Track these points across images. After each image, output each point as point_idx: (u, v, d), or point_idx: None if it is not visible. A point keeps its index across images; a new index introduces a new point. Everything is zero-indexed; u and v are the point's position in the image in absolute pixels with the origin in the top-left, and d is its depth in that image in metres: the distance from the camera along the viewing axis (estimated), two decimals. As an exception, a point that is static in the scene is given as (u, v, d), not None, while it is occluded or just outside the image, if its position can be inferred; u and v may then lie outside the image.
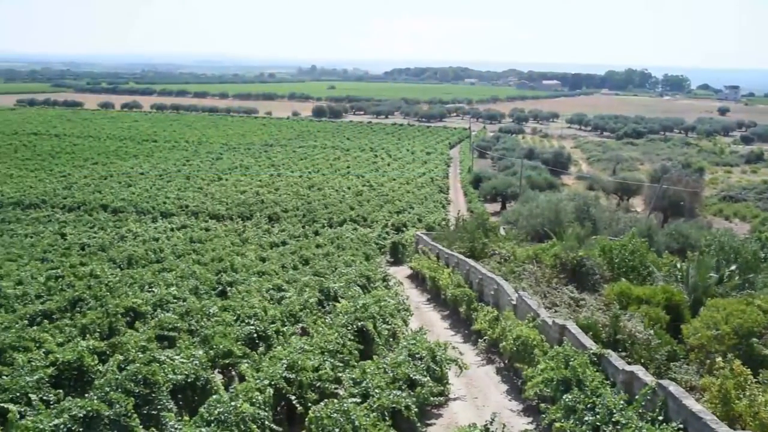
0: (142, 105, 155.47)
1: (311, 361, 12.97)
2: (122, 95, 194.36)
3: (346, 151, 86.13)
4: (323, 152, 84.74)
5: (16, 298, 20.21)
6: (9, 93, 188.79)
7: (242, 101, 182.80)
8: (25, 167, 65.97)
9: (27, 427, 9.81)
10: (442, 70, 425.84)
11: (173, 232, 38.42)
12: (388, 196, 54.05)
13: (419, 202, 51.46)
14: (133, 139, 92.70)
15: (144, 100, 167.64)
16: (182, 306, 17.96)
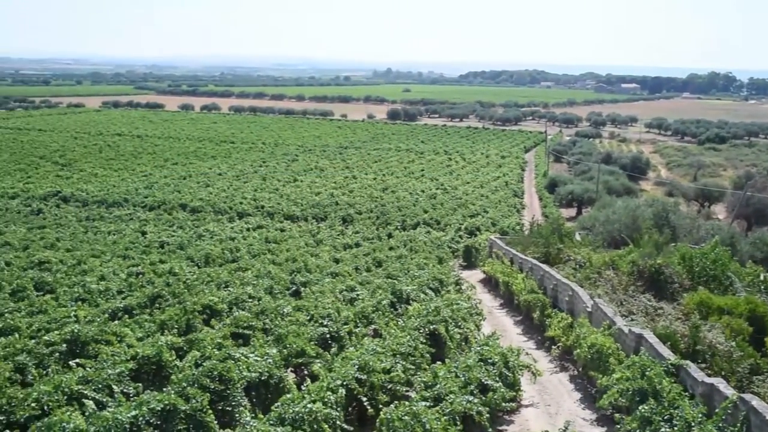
0: (220, 107, 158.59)
1: (383, 362, 13.00)
2: (202, 97, 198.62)
3: (420, 154, 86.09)
4: (397, 155, 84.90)
5: (99, 293, 20.86)
6: (95, 95, 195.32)
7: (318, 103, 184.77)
8: (109, 167, 68.07)
9: (107, 419, 10.09)
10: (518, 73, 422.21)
11: (249, 232, 39.05)
12: (462, 199, 53.81)
13: (493, 206, 51.06)
14: (211, 140, 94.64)
15: (223, 102, 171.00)
16: (257, 305, 18.23)
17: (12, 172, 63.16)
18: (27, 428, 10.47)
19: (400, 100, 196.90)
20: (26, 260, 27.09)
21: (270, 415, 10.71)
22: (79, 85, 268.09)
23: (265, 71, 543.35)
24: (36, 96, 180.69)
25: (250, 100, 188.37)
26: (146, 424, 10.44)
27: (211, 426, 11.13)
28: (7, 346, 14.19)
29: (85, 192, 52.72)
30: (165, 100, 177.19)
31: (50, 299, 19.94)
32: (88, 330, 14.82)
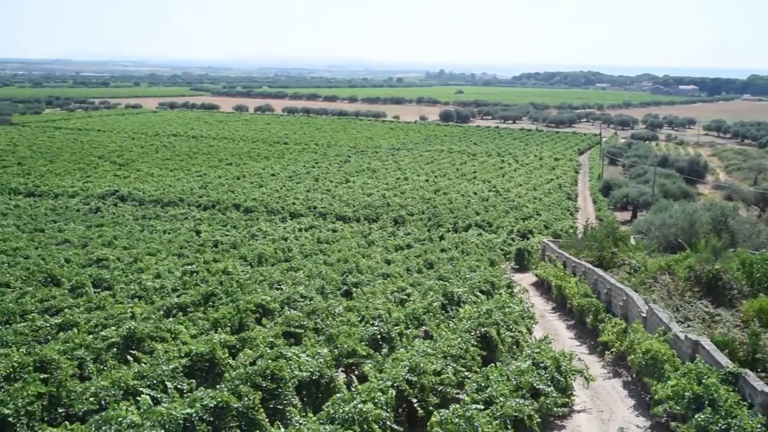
0: (274, 108, 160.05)
1: (434, 364, 12.97)
2: (256, 99, 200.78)
3: (472, 156, 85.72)
4: (449, 156, 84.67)
5: (154, 290, 21.23)
6: (152, 96, 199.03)
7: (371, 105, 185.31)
8: (165, 167, 69.27)
9: (161, 414, 10.26)
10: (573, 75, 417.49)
11: (301, 232, 39.33)
12: (515, 202, 53.42)
13: (546, 209, 50.57)
14: (265, 141, 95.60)
15: (276, 104, 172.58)
16: (309, 305, 18.35)
17: (72, 171, 64.72)
18: (85, 421, 10.69)
19: (452, 102, 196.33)
20: (85, 257, 27.73)
21: (320, 415, 10.77)
22: (137, 87, 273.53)
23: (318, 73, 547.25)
24: (95, 97, 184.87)
25: (304, 102, 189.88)
26: (199, 421, 10.59)
27: (263, 424, 11.23)
28: (66, 341, 14.54)
29: (142, 191, 53.73)
30: (220, 101, 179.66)
31: (108, 296, 20.37)
32: (144, 327, 15.10)
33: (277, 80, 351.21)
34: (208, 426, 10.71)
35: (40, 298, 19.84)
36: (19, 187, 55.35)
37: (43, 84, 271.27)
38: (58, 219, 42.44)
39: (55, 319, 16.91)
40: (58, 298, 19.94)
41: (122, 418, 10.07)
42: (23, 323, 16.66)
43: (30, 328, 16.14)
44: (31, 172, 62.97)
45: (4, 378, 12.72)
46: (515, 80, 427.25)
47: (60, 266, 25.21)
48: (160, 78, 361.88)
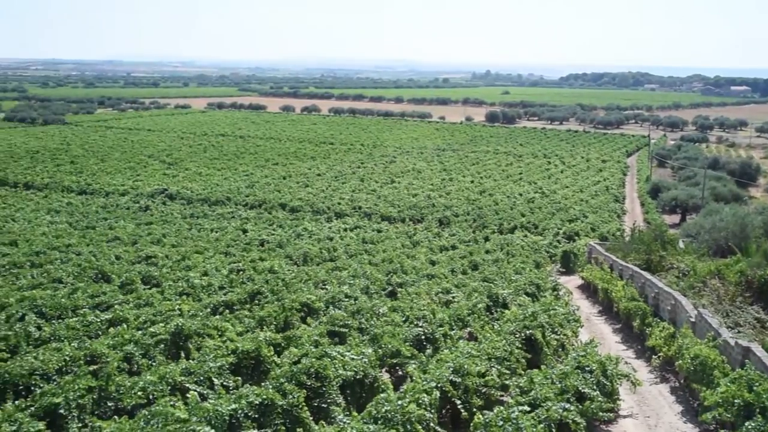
0: (320, 109, 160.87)
1: (478, 366, 12.93)
2: (302, 99, 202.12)
3: (518, 157, 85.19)
4: (495, 158, 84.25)
5: (201, 288, 21.52)
6: (201, 97, 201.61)
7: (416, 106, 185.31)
8: (212, 166, 70.13)
9: (207, 410, 10.40)
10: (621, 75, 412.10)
11: (346, 232, 39.50)
12: (561, 203, 52.95)
13: (593, 211, 50.02)
14: (311, 141, 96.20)
15: (322, 104, 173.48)
16: (353, 304, 18.42)
17: (122, 170, 65.90)
18: (133, 416, 10.88)
19: (498, 103, 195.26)
20: (134, 254, 28.21)
21: (364, 414, 10.81)
22: (186, 87, 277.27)
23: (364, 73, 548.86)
24: (146, 97, 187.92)
25: (350, 102, 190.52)
26: (245, 417, 10.72)
27: (307, 422, 11.32)
28: (116, 336, 14.82)
29: (190, 190, 54.48)
30: (267, 101, 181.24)
31: (156, 293, 20.69)
32: (191, 324, 15.31)
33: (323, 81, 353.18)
34: (253, 423, 10.83)
35: (91, 294, 20.24)
36: (72, 185, 56.57)
37: (95, 84, 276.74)
38: (109, 216, 43.26)
39: (105, 315, 17.24)
40: (108, 294, 20.31)
41: (170, 413, 10.25)
42: (75, 318, 17.03)
43: (81, 323, 16.49)
44: (83, 171, 64.30)
45: (56, 371, 13.03)
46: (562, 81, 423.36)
47: (110, 263, 25.68)
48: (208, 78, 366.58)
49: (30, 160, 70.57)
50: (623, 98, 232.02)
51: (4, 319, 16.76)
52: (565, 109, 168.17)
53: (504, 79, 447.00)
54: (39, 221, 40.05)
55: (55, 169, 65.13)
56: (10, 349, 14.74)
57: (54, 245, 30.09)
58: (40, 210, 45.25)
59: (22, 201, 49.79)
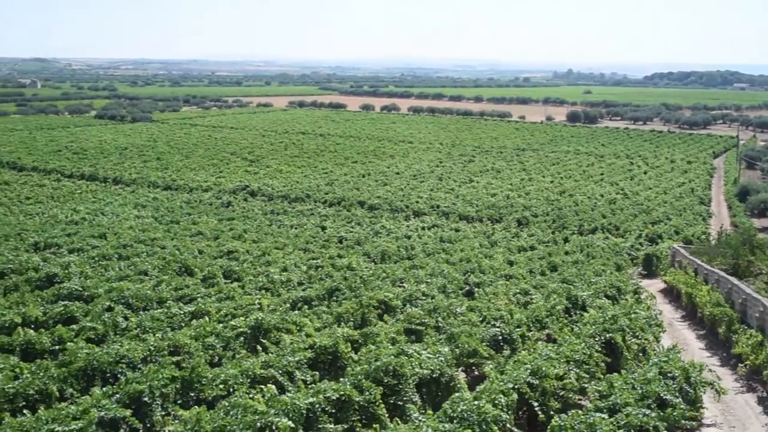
0: (400, 107, 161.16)
1: (556, 368, 12.77)
2: (382, 98, 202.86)
3: (600, 158, 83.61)
4: (576, 158, 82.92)
5: (281, 283, 21.87)
6: (282, 95, 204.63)
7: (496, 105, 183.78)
8: (293, 163, 71.13)
9: (286, 403, 10.57)
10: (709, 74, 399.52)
11: (424, 231, 39.51)
12: (644, 205, 51.74)
13: (677, 214, 48.70)
14: (390, 139, 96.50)
15: (402, 103, 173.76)
16: (430, 303, 18.42)
17: (206, 166, 67.49)
18: (213, 406, 11.13)
19: (580, 102, 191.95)
20: (216, 249, 28.86)
21: (439, 413, 10.81)
22: (268, 86, 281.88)
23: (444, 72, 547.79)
24: (229, 96, 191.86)
25: (429, 101, 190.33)
26: (321, 412, 10.85)
27: (383, 419, 11.39)
28: (198, 328, 15.20)
29: (271, 187, 55.38)
30: (347, 100, 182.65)
31: (237, 287, 21.11)
32: (271, 318, 15.58)
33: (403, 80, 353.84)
34: (329, 418, 10.96)
35: (174, 287, 20.81)
36: (158, 180, 58.26)
37: (181, 83, 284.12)
38: (193, 212, 44.37)
39: (188, 307, 17.71)
40: (191, 287, 20.85)
41: (248, 404, 10.45)
42: (159, 310, 17.54)
43: (165, 314, 16.98)
44: (168, 167, 66.13)
45: (141, 360, 13.45)
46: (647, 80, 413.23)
47: (193, 257, 26.33)
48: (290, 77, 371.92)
49: (119, 156, 73.04)
50: (711, 98, 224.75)
51: (94, 309, 17.38)
52: (649, 109, 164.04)
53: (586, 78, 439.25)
54: (126, 215, 41.41)
55: (142, 165, 67.21)
56: (98, 337, 15.30)
57: (140, 239, 31.06)
58: (127, 204, 46.78)
59: (111, 195, 51.60)
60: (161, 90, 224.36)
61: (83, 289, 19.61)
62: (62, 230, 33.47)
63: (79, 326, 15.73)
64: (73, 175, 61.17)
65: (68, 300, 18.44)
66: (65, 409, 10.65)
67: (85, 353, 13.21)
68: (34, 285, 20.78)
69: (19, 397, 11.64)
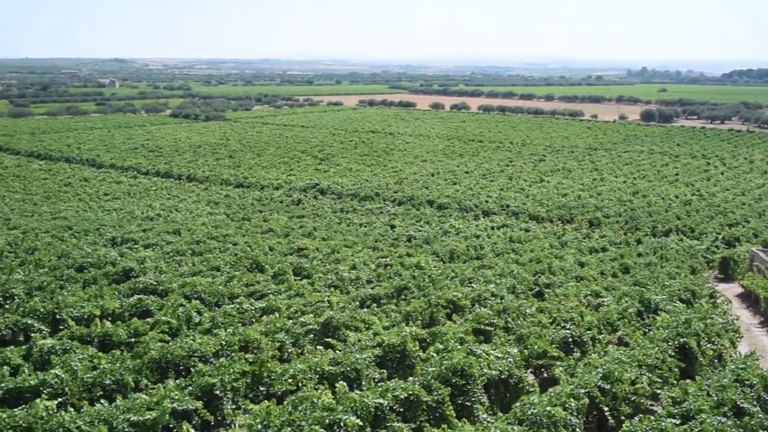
0: (469, 106, 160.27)
1: (628, 373, 12.54)
2: (451, 96, 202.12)
3: (674, 158, 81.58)
4: (650, 158, 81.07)
5: (350, 281, 22.00)
6: (352, 94, 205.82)
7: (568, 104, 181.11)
8: (362, 162, 71.44)
9: (354, 400, 10.64)
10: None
11: (493, 231, 39.20)
12: (720, 207, 50.29)
13: (756, 216, 47.15)
14: (460, 138, 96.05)
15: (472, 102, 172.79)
16: (499, 303, 18.30)
17: (277, 164, 68.34)
18: (282, 401, 11.27)
19: (654, 101, 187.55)
20: (287, 246, 29.22)
21: (508, 415, 10.73)
22: (338, 85, 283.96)
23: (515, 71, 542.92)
24: (300, 95, 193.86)
25: (499, 100, 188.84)
26: (390, 411, 10.89)
27: (451, 419, 11.37)
28: (268, 324, 15.43)
29: (340, 185, 55.74)
30: (416, 98, 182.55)
31: (307, 284, 21.34)
32: (340, 316, 15.70)
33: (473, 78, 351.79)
34: (397, 416, 10.99)
35: (246, 283, 21.18)
36: (230, 178, 59.26)
37: (253, 82, 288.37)
38: (264, 209, 44.99)
39: (259, 303, 17.99)
40: (261, 283, 21.17)
41: (317, 399, 10.56)
42: (231, 305, 17.86)
43: (237, 310, 17.28)
44: (240, 165, 67.22)
45: (213, 354, 13.73)
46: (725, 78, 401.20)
47: (264, 254, 26.73)
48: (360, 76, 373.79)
49: (192, 154, 74.60)
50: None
51: (169, 304, 17.80)
52: (727, 108, 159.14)
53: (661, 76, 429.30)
54: (199, 212, 42.27)
55: (215, 163, 68.48)
56: (172, 331, 15.67)
57: (213, 235, 31.68)
58: (200, 201, 47.75)
59: (185, 192, 52.74)
60: (234, 89, 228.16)
61: (158, 283, 20.13)
62: (138, 226, 34.41)
63: (153, 319, 16.15)
64: (148, 172, 62.78)
65: (143, 294, 18.97)
66: (140, 399, 10.95)
67: (159, 346, 13.56)
68: (111, 279, 21.43)
69: (96, 386, 12.02)
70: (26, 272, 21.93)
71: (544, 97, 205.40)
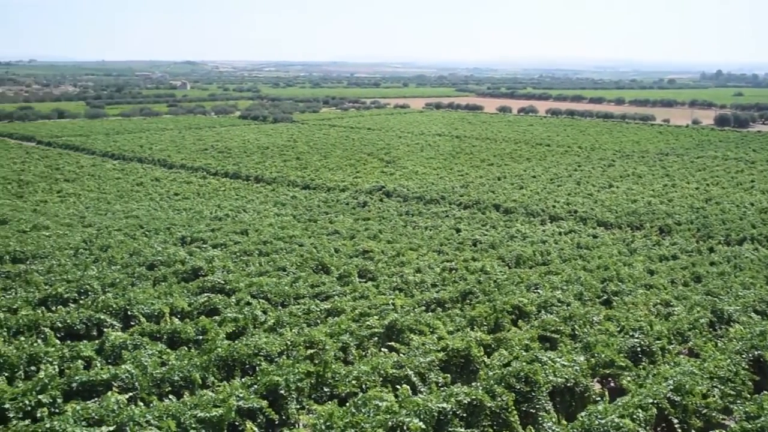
0: (537, 110, 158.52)
1: (699, 385, 12.20)
2: (519, 100, 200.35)
3: (750, 164, 79.20)
4: (724, 164, 78.91)
5: (414, 284, 21.99)
6: (419, 97, 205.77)
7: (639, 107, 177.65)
8: (428, 165, 71.33)
9: (417, 404, 10.61)
10: None
11: (561, 236, 38.70)
12: (799, 215, 48.61)
13: (838, 225, 45.43)
14: (527, 142, 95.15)
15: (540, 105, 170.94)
16: (566, 310, 18.04)
17: (343, 166, 68.78)
18: (345, 402, 11.32)
19: (730, 105, 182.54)
20: (352, 248, 29.36)
21: (574, 424, 10.56)
22: (405, 87, 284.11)
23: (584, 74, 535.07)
24: (367, 97, 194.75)
25: (568, 103, 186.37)
26: (453, 416, 10.83)
27: (515, 426, 11.25)
28: (333, 326, 15.52)
29: (406, 188, 55.76)
30: (484, 102, 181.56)
31: (371, 286, 21.40)
32: (405, 319, 15.70)
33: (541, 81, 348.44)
34: (460, 422, 10.92)
35: (311, 284, 21.37)
36: (297, 179, 59.88)
37: (321, 85, 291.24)
38: (330, 211, 45.32)
39: (324, 305, 18.13)
40: (327, 284, 21.33)
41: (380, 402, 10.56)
42: (296, 306, 18.04)
43: (302, 310, 17.44)
44: (307, 167, 67.85)
45: (278, 354, 13.88)
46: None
47: (330, 255, 26.91)
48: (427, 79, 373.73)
49: (260, 155, 75.65)
50: None
51: (235, 303, 18.07)
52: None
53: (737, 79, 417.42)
54: (267, 213, 42.82)
55: (283, 164, 69.30)
56: (238, 330, 15.90)
57: (279, 236, 32.04)
58: (268, 202, 48.38)
59: (253, 193, 53.50)
60: (302, 91, 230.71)
61: (225, 282, 20.48)
62: (207, 226, 35.06)
63: (221, 317, 16.41)
64: (217, 173, 63.91)
65: (211, 292, 19.32)
66: (206, 395, 11.14)
67: (226, 344, 13.77)
68: (180, 277, 21.88)
69: (165, 382, 12.28)
70: (100, 269, 22.55)
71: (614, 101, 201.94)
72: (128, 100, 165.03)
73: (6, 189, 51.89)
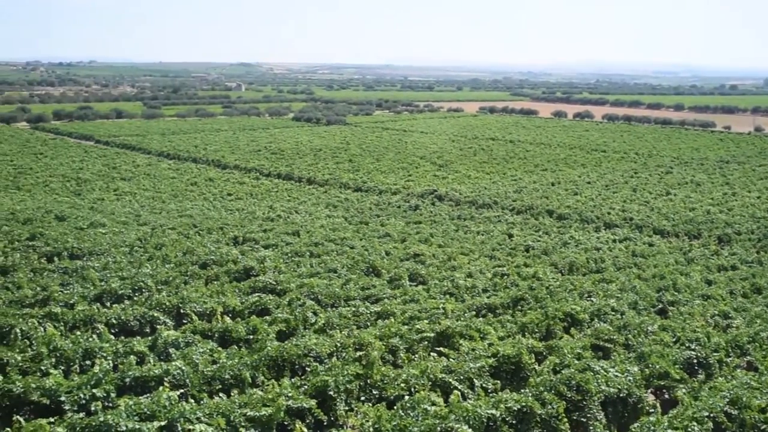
0: (593, 115, 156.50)
1: (758, 399, 11.84)
2: (575, 105, 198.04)
3: (815, 173, 77.07)
4: (787, 172, 76.91)
5: (466, 289, 21.84)
6: (473, 101, 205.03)
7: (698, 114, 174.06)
8: (481, 169, 70.97)
9: (467, 410, 10.50)
10: None
11: (615, 244, 38.09)
12: None
13: None
14: (582, 148, 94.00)
15: (596, 110, 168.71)
16: (620, 319, 17.73)
17: (396, 170, 68.82)
18: (393, 405, 11.26)
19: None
20: (403, 252, 29.30)
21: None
22: (459, 91, 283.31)
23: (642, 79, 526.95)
24: (420, 101, 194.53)
25: (625, 109, 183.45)
26: (502, 422, 10.70)
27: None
28: (383, 329, 15.48)
29: (458, 192, 55.53)
30: (538, 106, 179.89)
31: (422, 290, 21.32)
32: (456, 324, 15.59)
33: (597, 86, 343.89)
34: (510, 428, 10.78)
35: (362, 286, 21.37)
36: (349, 182, 60.11)
37: (374, 87, 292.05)
38: (381, 214, 45.36)
39: (374, 307, 18.11)
40: (377, 287, 21.31)
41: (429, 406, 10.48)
42: (346, 308, 18.05)
43: (352, 312, 17.45)
44: (359, 169, 68.06)
45: (327, 355, 13.89)
46: None
47: (381, 258, 26.89)
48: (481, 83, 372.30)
49: (313, 157, 76.15)
50: None
51: (286, 303, 18.17)
52: None
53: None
54: (318, 214, 43.05)
55: (335, 166, 69.63)
56: (289, 330, 15.97)
57: (330, 237, 32.15)
58: (319, 204, 48.65)
59: (305, 195, 53.88)
60: (355, 94, 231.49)
61: (276, 283, 20.61)
62: (259, 226, 35.37)
63: (271, 317, 16.50)
64: (270, 174, 64.52)
65: (262, 292, 19.46)
66: (256, 394, 11.20)
67: (276, 344, 13.83)
68: (232, 276, 22.09)
69: (215, 380, 12.38)
70: (154, 267, 22.90)
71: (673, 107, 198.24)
72: (184, 101, 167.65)
73: (65, 187, 53.17)
